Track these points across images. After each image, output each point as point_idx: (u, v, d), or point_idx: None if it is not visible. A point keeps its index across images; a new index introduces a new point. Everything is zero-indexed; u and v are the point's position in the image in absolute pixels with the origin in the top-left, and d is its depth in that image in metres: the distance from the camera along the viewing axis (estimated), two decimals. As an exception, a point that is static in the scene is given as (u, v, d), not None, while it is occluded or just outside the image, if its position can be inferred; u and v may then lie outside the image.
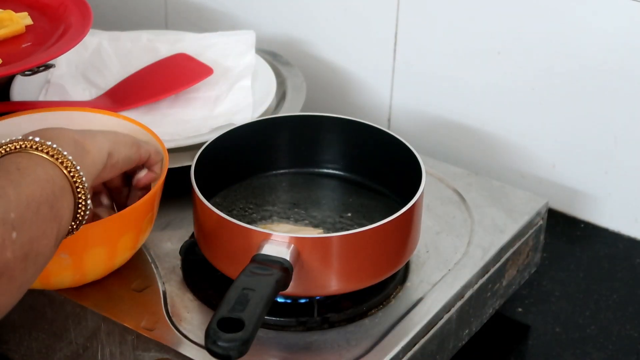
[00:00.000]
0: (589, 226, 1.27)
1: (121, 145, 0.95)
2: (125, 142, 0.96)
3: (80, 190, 0.85)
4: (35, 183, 0.81)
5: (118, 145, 0.94)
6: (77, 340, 1.00)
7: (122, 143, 0.95)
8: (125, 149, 0.95)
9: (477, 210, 1.11)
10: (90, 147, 0.89)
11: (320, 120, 1.09)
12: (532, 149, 1.28)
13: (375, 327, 0.96)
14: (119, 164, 0.95)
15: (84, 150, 0.88)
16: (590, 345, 1.09)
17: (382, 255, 0.95)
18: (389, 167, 1.06)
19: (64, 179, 0.84)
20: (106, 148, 0.92)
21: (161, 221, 1.06)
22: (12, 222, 0.77)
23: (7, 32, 1.15)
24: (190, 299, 0.99)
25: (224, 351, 0.81)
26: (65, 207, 0.83)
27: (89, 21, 1.15)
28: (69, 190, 0.84)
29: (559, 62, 1.21)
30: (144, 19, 1.52)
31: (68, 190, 0.84)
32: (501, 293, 1.09)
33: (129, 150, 0.96)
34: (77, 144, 0.88)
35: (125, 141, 0.96)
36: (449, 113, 1.32)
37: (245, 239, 0.92)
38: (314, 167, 1.11)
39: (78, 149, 0.87)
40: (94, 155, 0.90)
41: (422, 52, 1.30)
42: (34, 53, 1.13)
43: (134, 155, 0.96)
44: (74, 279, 0.97)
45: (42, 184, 0.81)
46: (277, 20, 1.40)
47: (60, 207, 0.82)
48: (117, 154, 0.94)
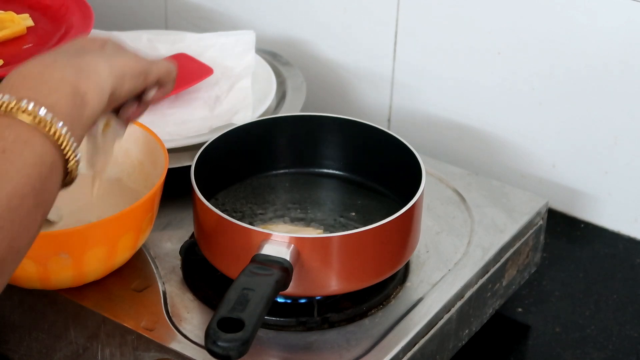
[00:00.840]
0: (589, 226, 1.27)
1: (127, 79, 0.83)
2: (132, 72, 0.84)
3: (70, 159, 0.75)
4: (21, 171, 0.71)
5: (123, 80, 0.83)
6: (77, 340, 1.00)
7: (129, 75, 0.83)
8: (130, 82, 0.84)
9: (477, 210, 1.11)
10: (90, 95, 0.78)
11: (320, 120, 1.09)
12: (532, 149, 1.28)
13: (375, 327, 0.96)
14: (120, 99, 0.84)
15: (83, 102, 0.77)
16: (590, 345, 1.09)
17: (382, 255, 0.95)
18: (389, 167, 1.06)
19: (55, 153, 0.74)
20: (108, 88, 0.80)
21: (161, 221, 1.06)
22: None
23: (8, 33, 1.15)
24: (190, 299, 0.99)
25: (224, 351, 0.81)
26: (54, 184, 0.74)
27: (90, 22, 1.15)
28: (59, 163, 0.74)
29: (559, 62, 1.21)
30: (144, 19, 1.52)
31: (58, 164, 0.74)
32: (501, 293, 1.09)
33: (134, 82, 0.85)
34: (75, 96, 0.76)
35: (133, 71, 0.84)
36: (449, 113, 1.32)
37: (245, 239, 0.92)
38: (314, 167, 1.11)
39: (76, 101, 0.76)
40: (93, 105, 0.78)
41: (422, 52, 1.30)
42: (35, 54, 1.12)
43: (139, 86, 0.86)
44: (74, 279, 0.97)
45: (29, 171, 0.71)
46: (277, 20, 1.40)
47: (47, 188, 0.73)
48: (120, 90, 0.83)
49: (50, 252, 0.93)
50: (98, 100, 0.79)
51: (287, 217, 1.04)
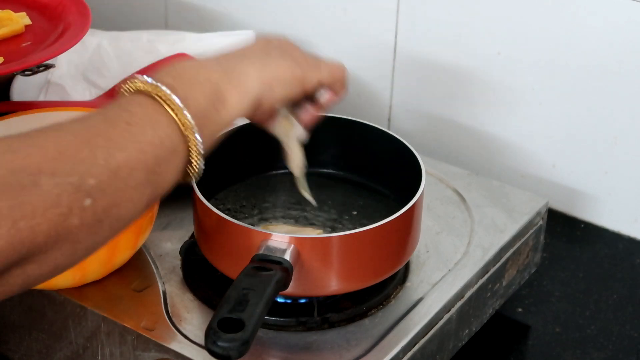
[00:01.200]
0: (589, 226, 1.27)
1: (276, 86, 0.84)
2: (283, 79, 0.84)
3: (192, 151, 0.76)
4: (137, 145, 0.72)
5: (272, 86, 0.83)
6: (77, 340, 1.00)
7: (282, 81, 0.84)
8: (281, 89, 0.84)
9: (477, 210, 1.11)
10: (230, 98, 0.79)
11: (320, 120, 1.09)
12: (532, 149, 1.28)
13: (375, 327, 0.96)
14: (272, 106, 0.84)
15: (221, 102, 0.79)
16: (590, 345, 1.09)
17: (382, 255, 0.95)
18: (389, 167, 1.06)
19: (178, 139, 0.75)
20: (253, 93, 0.82)
21: (161, 221, 1.06)
22: (88, 189, 0.68)
23: (6, 32, 1.15)
24: (190, 299, 0.99)
25: (224, 351, 0.81)
26: (171, 170, 0.75)
27: (87, 20, 1.15)
28: (181, 151, 0.76)
29: (559, 62, 1.21)
30: (144, 19, 1.52)
31: (180, 152, 0.75)
32: (501, 293, 1.09)
33: (286, 89, 0.85)
34: (215, 95, 0.78)
35: (284, 78, 0.84)
36: (449, 113, 1.32)
37: (245, 239, 0.92)
38: (314, 167, 1.11)
39: (214, 101, 0.78)
40: (232, 106, 0.80)
41: (422, 52, 1.30)
42: (33, 52, 1.13)
43: (293, 94, 0.86)
44: (74, 279, 0.97)
45: (145, 147, 0.72)
46: (277, 20, 1.40)
47: (162, 171, 0.74)
48: (270, 98, 0.83)
49: (50, 252, 0.93)
50: (238, 103, 0.81)
51: (287, 217, 1.04)
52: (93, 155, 0.69)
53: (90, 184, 0.68)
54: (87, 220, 0.69)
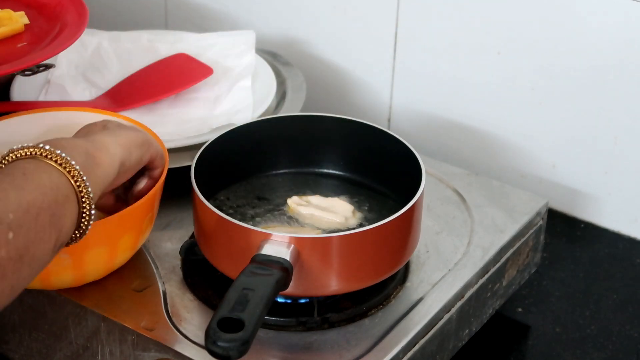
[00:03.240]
0: (589, 226, 1.27)
1: (133, 149, 0.94)
2: (136, 142, 0.95)
3: (85, 200, 0.85)
4: (38, 189, 0.81)
5: (130, 150, 0.94)
6: (77, 340, 1.00)
7: (135, 145, 0.95)
8: (136, 152, 0.94)
9: (477, 210, 1.11)
10: (102, 160, 0.89)
11: (320, 120, 1.09)
12: (532, 149, 1.28)
13: (375, 327, 0.96)
14: (131, 169, 0.94)
15: (94, 163, 0.88)
16: (590, 345, 1.09)
17: (382, 255, 0.95)
18: (389, 167, 1.06)
19: (70, 188, 0.84)
20: (118, 158, 0.92)
21: (161, 221, 1.06)
22: (9, 223, 0.77)
23: (6, 31, 1.15)
24: (190, 299, 0.99)
25: (224, 351, 0.81)
26: (68, 216, 0.83)
27: (84, 21, 1.15)
28: (74, 199, 0.84)
29: (559, 61, 1.21)
30: (144, 19, 1.52)
31: (73, 199, 0.84)
32: (501, 293, 1.09)
33: (139, 151, 0.95)
34: (88, 156, 0.88)
35: (137, 141, 0.95)
36: (449, 113, 1.32)
37: (245, 239, 0.92)
38: (314, 167, 1.11)
39: (89, 160, 0.87)
40: (105, 168, 0.89)
41: (422, 52, 1.30)
42: (31, 52, 1.13)
43: (144, 155, 0.96)
44: (74, 279, 0.97)
45: (45, 191, 0.81)
46: (277, 20, 1.40)
47: (62, 215, 0.83)
48: (129, 160, 0.93)
49: (50, 252, 0.93)
50: (109, 164, 0.90)
51: (287, 217, 1.04)
52: (6, 195, 0.79)
53: (10, 217, 0.77)
54: (11, 254, 0.77)
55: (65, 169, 0.84)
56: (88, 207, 0.85)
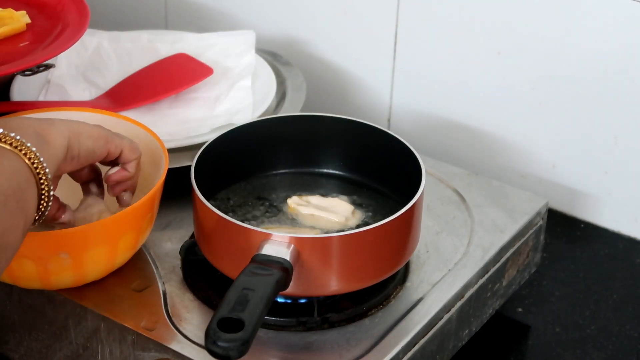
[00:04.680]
0: (589, 226, 1.27)
1: (83, 137, 0.92)
2: (89, 134, 0.93)
3: (43, 182, 0.84)
4: (2, 175, 0.80)
5: (79, 137, 0.91)
6: (77, 340, 1.00)
7: (86, 135, 0.92)
8: (88, 142, 0.92)
9: (477, 210, 1.11)
10: (50, 138, 0.87)
11: (320, 120, 1.09)
12: (532, 149, 1.28)
13: (375, 327, 0.96)
14: (80, 157, 0.92)
15: (45, 142, 0.86)
16: (590, 345, 1.09)
17: (382, 255, 0.95)
18: (389, 167, 1.06)
19: (28, 171, 0.83)
20: (64, 141, 0.90)
21: (161, 221, 1.06)
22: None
23: (7, 30, 1.15)
24: (190, 299, 0.99)
25: (224, 351, 0.81)
26: (31, 199, 0.83)
27: (86, 20, 1.15)
28: (33, 182, 0.83)
29: (559, 62, 1.21)
30: (144, 19, 1.52)
31: (32, 182, 0.83)
32: (501, 293, 1.09)
33: (92, 143, 0.93)
34: (38, 135, 0.86)
35: (90, 133, 0.93)
36: (448, 113, 1.32)
37: (245, 239, 0.92)
38: (314, 167, 1.11)
39: (39, 140, 0.86)
40: (54, 147, 0.88)
41: (422, 52, 1.30)
42: (32, 52, 1.12)
43: (98, 149, 0.94)
44: (74, 279, 0.97)
45: (9, 176, 0.80)
46: (277, 20, 1.40)
47: (26, 199, 0.82)
48: (77, 146, 0.91)
49: (50, 252, 0.93)
50: (59, 145, 0.89)
51: (287, 217, 1.04)
52: None
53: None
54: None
55: (22, 152, 0.82)
56: (47, 189, 0.84)
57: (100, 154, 0.94)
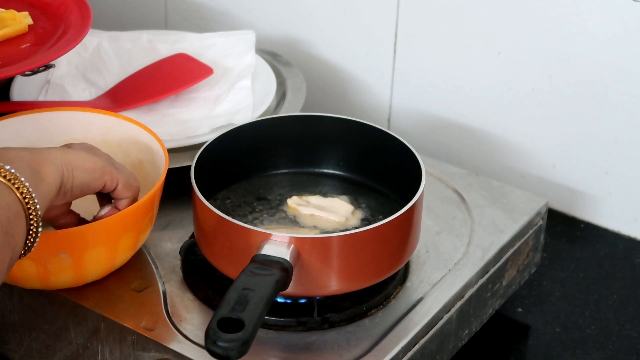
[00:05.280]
0: (589, 226, 1.27)
1: (78, 171, 0.90)
2: (84, 167, 0.91)
3: (32, 217, 0.82)
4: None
5: (74, 171, 0.90)
6: (77, 340, 1.00)
7: (81, 168, 0.90)
8: (82, 175, 0.90)
9: (477, 210, 1.11)
10: (44, 174, 0.86)
11: (320, 120, 1.09)
12: (532, 149, 1.28)
13: (375, 327, 0.96)
14: (73, 191, 0.91)
15: (39, 177, 0.85)
16: (590, 345, 1.09)
17: (382, 255, 0.95)
18: (389, 167, 1.06)
19: (19, 205, 0.81)
20: (59, 175, 0.88)
21: (161, 221, 1.06)
22: None
23: (10, 32, 1.15)
24: (190, 299, 0.99)
25: (224, 351, 0.81)
26: (19, 234, 0.81)
27: (88, 22, 1.15)
28: (23, 216, 0.82)
29: (559, 62, 1.21)
30: (144, 19, 1.52)
31: (22, 216, 0.81)
32: (501, 293, 1.09)
33: (87, 176, 0.91)
34: (32, 170, 0.84)
35: (85, 166, 0.91)
36: (449, 113, 1.32)
37: (245, 239, 0.92)
38: (314, 167, 1.11)
39: (33, 175, 0.84)
40: (48, 183, 0.86)
41: (422, 52, 1.30)
42: (34, 54, 1.12)
43: (93, 182, 0.92)
44: (74, 279, 0.97)
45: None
46: (277, 20, 1.40)
47: (14, 233, 0.80)
48: (71, 181, 0.90)
49: (50, 252, 0.93)
50: (53, 181, 0.87)
51: (287, 217, 1.04)
52: None
53: None
54: None
55: (14, 185, 0.81)
56: (35, 225, 0.83)
57: (94, 187, 0.93)
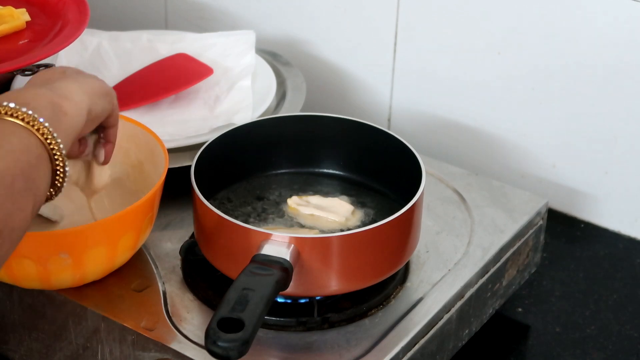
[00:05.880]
0: (589, 226, 1.27)
1: (98, 97, 0.89)
2: (101, 91, 0.89)
3: (57, 158, 0.80)
4: (10, 155, 0.76)
5: (95, 98, 0.88)
6: (77, 340, 1.00)
7: (99, 94, 0.89)
8: (101, 101, 0.89)
9: (477, 210, 1.11)
10: (69, 108, 0.83)
11: (320, 120, 1.09)
12: (532, 149, 1.28)
13: (375, 327, 0.96)
14: (98, 117, 0.89)
15: (62, 112, 0.82)
16: (590, 345, 1.09)
17: (382, 255, 0.95)
18: (389, 167, 1.06)
19: (41, 147, 0.79)
20: (85, 105, 0.86)
21: (161, 221, 1.06)
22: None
23: (7, 28, 1.15)
24: (190, 299, 0.99)
25: (224, 351, 0.81)
26: (42, 177, 0.79)
27: (85, 18, 1.15)
28: (46, 157, 0.80)
29: (558, 62, 1.21)
30: (144, 19, 1.52)
31: (45, 158, 0.79)
32: (501, 293, 1.09)
33: (104, 101, 0.90)
34: (54, 107, 0.82)
35: (101, 90, 0.89)
36: (449, 113, 1.32)
37: (245, 239, 0.92)
38: (314, 167, 1.11)
39: (55, 111, 0.82)
40: (72, 117, 0.84)
41: (422, 52, 1.30)
42: (32, 50, 1.13)
43: (108, 105, 0.90)
44: (74, 279, 0.97)
45: (17, 155, 0.77)
46: (277, 20, 1.40)
47: (36, 177, 0.78)
48: (95, 108, 0.88)
49: (50, 252, 0.93)
50: (76, 112, 0.84)
51: (287, 217, 1.04)
52: None
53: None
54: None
55: (34, 127, 0.79)
56: (61, 164, 0.81)
57: (108, 111, 0.91)
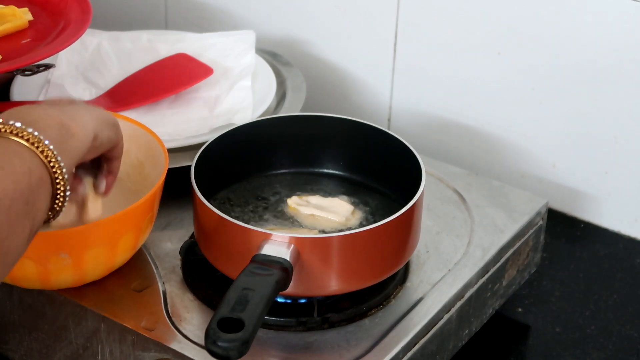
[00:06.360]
0: (589, 226, 1.27)
1: (106, 125, 0.89)
2: (108, 121, 0.90)
3: (59, 182, 0.79)
4: (10, 177, 0.75)
5: (103, 126, 0.88)
6: (77, 340, 1.00)
7: (106, 123, 0.89)
8: (108, 130, 0.89)
9: (477, 210, 1.11)
10: (76, 130, 0.83)
11: (320, 120, 1.09)
12: (532, 149, 1.28)
13: (375, 327, 0.96)
14: (102, 146, 0.89)
15: (69, 134, 0.82)
16: (590, 345, 1.09)
17: (382, 255, 0.95)
18: (389, 167, 1.06)
19: (43, 169, 0.78)
20: (92, 129, 0.86)
21: (161, 221, 1.06)
22: None
23: (10, 27, 1.15)
24: (190, 299, 0.99)
25: (224, 351, 0.81)
26: (42, 200, 0.78)
27: (88, 18, 1.15)
28: (48, 180, 0.78)
29: (559, 62, 1.21)
30: (144, 19, 1.52)
31: (46, 180, 0.78)
32: (501, 293, 1.09)
33: (110, 130, 0.90)
34: (61, 128, 0.81)
35: (109, 120, 0.90)
36: (449, 113, 1.32)
37: (245, 239, 0.92)
38: (314, 167, 1.11)
39: (62, 133, 0.81)
40: (79, 139, 0.83)
41: (422, 52, 1.30)
42: (34, 49, 1.13)
43: (113, 136, 0.91)
44: (74, 279, 0.97)
45: (18, 178, 0.75)
46: (277, 20, 1.40)
47: (36, 200, 0.77)
48: (102, 135, 0.88)
49: (50, 252, 0.93)
50: (83, 135, 0.84)
51: (287, 217, 1.04)
52: None
53: None
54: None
55: (38, 149, 0.78)
56: (62, 188, 0.80)
57: (114, 141, 0.91)
